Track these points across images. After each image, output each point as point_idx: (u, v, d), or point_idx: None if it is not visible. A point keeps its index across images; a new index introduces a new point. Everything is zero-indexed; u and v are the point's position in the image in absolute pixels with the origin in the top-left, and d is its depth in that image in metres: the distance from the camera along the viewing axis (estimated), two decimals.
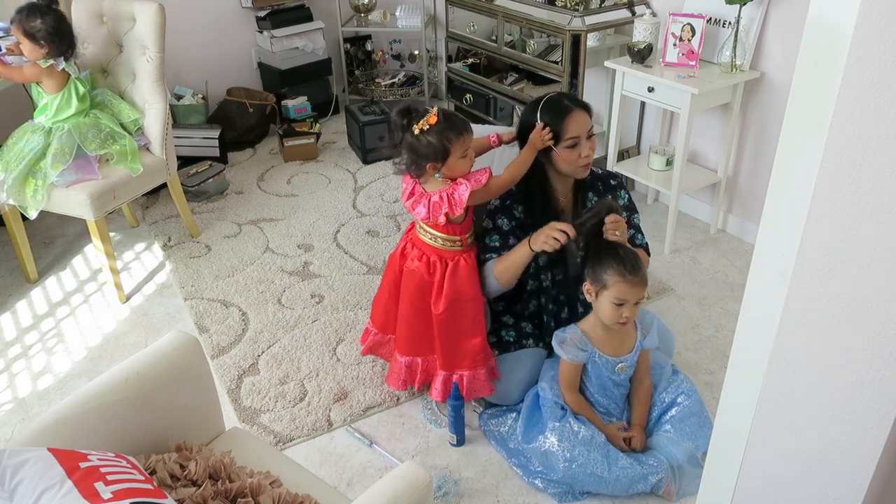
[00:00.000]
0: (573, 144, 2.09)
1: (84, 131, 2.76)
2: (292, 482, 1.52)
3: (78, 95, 2.78)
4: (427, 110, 1.99)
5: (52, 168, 2.67)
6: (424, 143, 1.98)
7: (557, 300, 2.29)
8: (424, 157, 1.99)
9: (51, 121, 2.76)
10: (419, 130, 1.97)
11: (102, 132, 2.80)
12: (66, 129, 2.74)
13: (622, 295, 1.95)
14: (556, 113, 2.10)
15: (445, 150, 1.98)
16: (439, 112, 1.99)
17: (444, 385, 2.23)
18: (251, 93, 4.31)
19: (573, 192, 2.24)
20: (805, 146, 0.99)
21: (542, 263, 2.23)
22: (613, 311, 1.97)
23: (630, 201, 2.28)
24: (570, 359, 2.06)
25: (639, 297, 1.97)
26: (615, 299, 1.96)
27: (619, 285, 1.94)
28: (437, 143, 1.97)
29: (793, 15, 2.76)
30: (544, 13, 3.33)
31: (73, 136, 2.73)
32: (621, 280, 1.94)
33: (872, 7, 0.85)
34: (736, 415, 1.27)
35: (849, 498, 1.12)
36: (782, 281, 1.08)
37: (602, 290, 1.98)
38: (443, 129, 1.98)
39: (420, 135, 1.97)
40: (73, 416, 1.42)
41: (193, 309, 2.85)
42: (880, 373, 1.01)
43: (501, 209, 2.22)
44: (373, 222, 3.44)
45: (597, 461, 1.97)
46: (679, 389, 2.14)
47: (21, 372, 2.57)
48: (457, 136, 1.99)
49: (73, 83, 2.77)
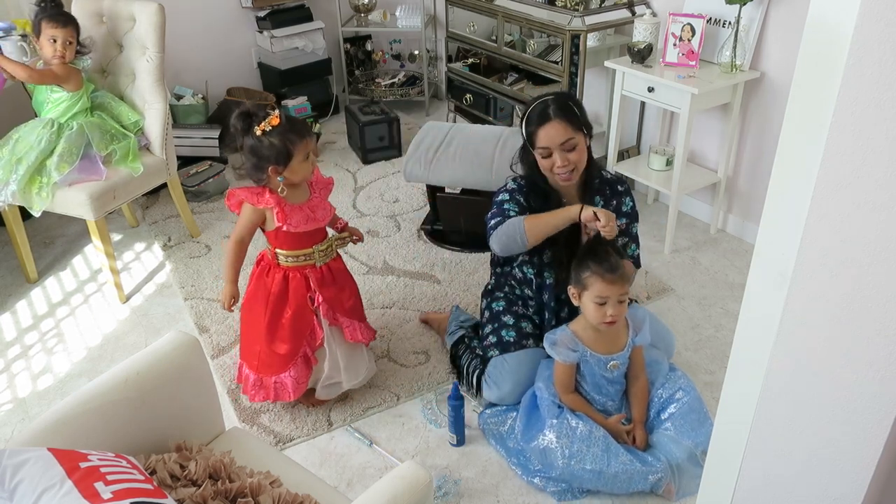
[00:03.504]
0: (546, 154, 2.10)
1: (92, 131, 2.77)
2: (292, 482, 1.52)
3: (88, 93, 2.81)
4: (269, 112, 1.98)
5: (57, 170, 2.68)
6: (266, 144, 1.97)
7: (559, 298, 2.29)
8: (266, 160, 1.99)
9: (63, 117, 2.77)
10: (261, 132, 1.96)
11: (108, 133, 2.82)
12: (75, 127, 2.74)
13: (601, 293, 1.97)
14: (534, 120, 2.12)
15: (288, 152, 1.98)
16: (281, 114, 1.98)
17: None
18: (251, 93, 4.31)
19: (579, 196, 2.23)
20: (805, 146, 0.99)
21: (546, 261, 2.24)
22: (597, 310, 1.99)
23: (633, 209, 2.27)
24: (562, 359, 2.07)
25: (620, 294, 1.99)
26: (596, 298, 1.98)
27: (598, 284, 1.97)
28: (279, 144, 1.96)
29: (793, 15, 2.76)
30: (544, 13, 3.33)
31: (82, 135, 2.74)
32: (599, 278, 1.97)
33: (872, 7, 0.85)
34: (736, 415, 1.27)
35: (849, 498, 1.12)
36: (782, 281, 1.08)
37: (583, 291, 2.01)
38: (285, 131, 1.96)
39: (262, 136, 1.96)
40: (73, 416, 1.42)
41: (193, 309, 2.85)
42: (880, 373, 1.01)
43: (509, 198, 2.21)
44: (373, 222, 3.44)
45: (597, 456, 1.98)
46: (676, 385, 2.15)
47: (21, 372, 2.57)
48: (299, 138, 1.99)
49: (86, 81, 2.80)
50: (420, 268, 3.08)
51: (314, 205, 2.15)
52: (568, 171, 2.11)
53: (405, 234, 3.33)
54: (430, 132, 3.24)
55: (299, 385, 2.23)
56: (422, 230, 3.33)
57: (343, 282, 2.28)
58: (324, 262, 2.21)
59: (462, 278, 3.00)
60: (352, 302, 2.30)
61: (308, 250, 2.16)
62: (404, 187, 3.73)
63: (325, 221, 2.20)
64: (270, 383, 2.25)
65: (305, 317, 2.20)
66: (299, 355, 2.22)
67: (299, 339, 2.20)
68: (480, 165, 3.01)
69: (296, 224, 2.08)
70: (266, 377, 2.24)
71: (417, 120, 4.58)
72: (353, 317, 2.29)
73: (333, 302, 2.23)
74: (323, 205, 2.18)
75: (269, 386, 2.25)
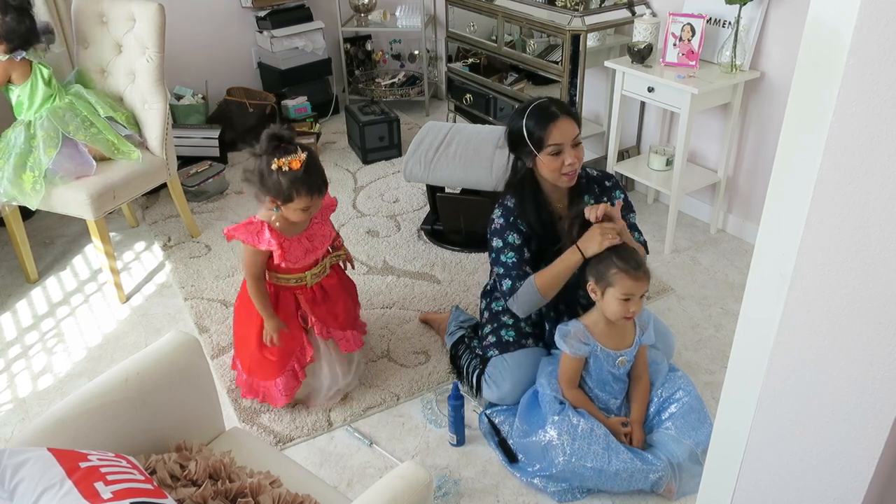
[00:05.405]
0: (556, 152, 2.09)
1: (60, 115, 2.76)
2: (292, 482, 1.52)
3: (44, 79, 2.78)
4: (296, 153, 1.95)
5: (46, 154, 2.68)
6: (274, 179, 1.96)
7: (556, 308, 2.29)
8: (268, 191, 1.99)
9: (30, 114, 2.77)
10: (276, 167, 1.94)
11: (78, 116, 2.79)
12: (44, 115, 2.75)
13: (628, 290, 1.98)
14: (541, 119, 2.09)
15: (289, 197, 1.98)
16: (304, 162, 1.95)
17: None
18: (251, 93, 4.31)
19: (568, 197, 2.23)
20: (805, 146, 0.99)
21: None
22: (621, 306, 2.00)
23: (626, 201, 2.28)
24: (573, 353, 2.07)
25: (644, 291, 2.01)
26: (622, 295, 1.98)
27: (625, 281, 1.97)
28: (286, 187, 1.95)
29: (793, 15, 2.76)
30: (544, 13, 3.33)
31: (52, 120, 2.74)
32: (626, 276, 1.97)
33: (872, 7, 0.85)
34: (736, 415, 1.27)
35: (849, 498, 1.12)
36: (782, 281, 1.08)
37: (607, 287, 2.00)
38: (297, 180, 1.95)
39: (276, 171, 1.95)
40: (73, 416, 1.42)
41: (193, 309, 2.85)
42: (880, 373, 1.01)
43: (508, 225, 2.19)
44: (373, 222, 3.44)
45: (597, 453, 1.98)
46: (676, 385, 2.15)
47: (21, 372, 2.57)
48: (307, 192, 1.98)
49: (38, 67, 2.77)
50: (420, 268, 3.08)
51: (312, 233, 2.14)
52: (576, 168, 2.12)
53: (405, 234, 3.33)
54: (430, 132, 3.24)
55: (286, 394, 2.24)
56: (422, 230, 3.33)
57: (336, 296, 2.27)
58: (315, 283, 2.21)
59: (462, 278, 3.00)
60: (343, 315, 2.29)
61: (301, 275, 2.17)
62: (404, 187, 3.72)
63: (322, 249, 2.18)
64: (259, 386, 2.25)
65: (294, 334, 2.21)
66: (287, 368, 2.22)
67: (288, 354, 2.21)
68: (480, 165, 3.01)
69: (294, 260, 2.09)
70: (256, 379, 2.24)
71: (417, 120, 4.58)
72: (346, 328, 2.30)
73: (326, 318, 2.24)
74: (322, 231, 2.17)
75: (258, 388, 2.25)
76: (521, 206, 2.19)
